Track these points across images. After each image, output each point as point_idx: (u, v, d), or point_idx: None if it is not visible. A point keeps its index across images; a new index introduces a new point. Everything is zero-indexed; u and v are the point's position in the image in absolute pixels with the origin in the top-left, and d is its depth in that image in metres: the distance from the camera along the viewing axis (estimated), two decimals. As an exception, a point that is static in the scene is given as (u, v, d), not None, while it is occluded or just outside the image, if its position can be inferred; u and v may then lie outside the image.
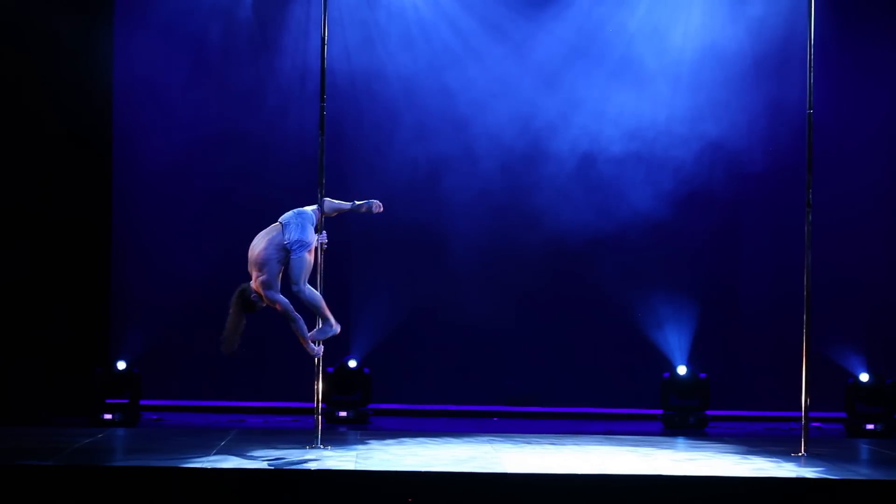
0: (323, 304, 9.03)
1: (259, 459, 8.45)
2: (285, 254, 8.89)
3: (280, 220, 9.01)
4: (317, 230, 9.10)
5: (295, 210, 9.04)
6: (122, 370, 11.98)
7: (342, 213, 9.44)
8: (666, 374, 12.43)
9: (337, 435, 10.57)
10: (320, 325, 9.09)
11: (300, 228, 8.93)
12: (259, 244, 9.00)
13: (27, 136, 11.94)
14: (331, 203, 9.24)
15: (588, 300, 12.95)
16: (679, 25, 12.81)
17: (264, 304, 9.01)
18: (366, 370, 12.34)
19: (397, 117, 12.84)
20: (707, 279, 12.89)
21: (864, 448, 10.14)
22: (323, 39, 9.32)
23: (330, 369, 12.14)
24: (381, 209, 9.26)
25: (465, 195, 12.85)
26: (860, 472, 8.41)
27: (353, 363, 12.37)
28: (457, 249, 12.88)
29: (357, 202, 9.24)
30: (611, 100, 12.81)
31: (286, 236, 8.89)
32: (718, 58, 12.76)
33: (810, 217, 9.44)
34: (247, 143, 12.67)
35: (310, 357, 9.28)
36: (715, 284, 12.91)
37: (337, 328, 9.09)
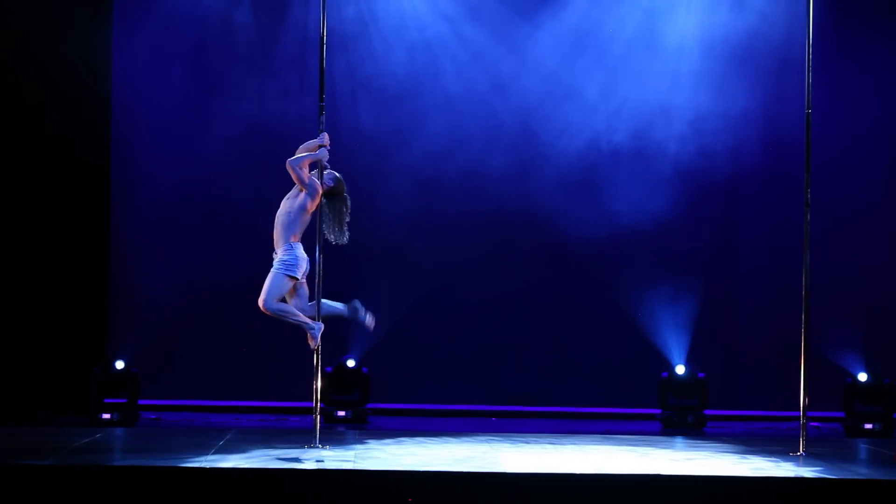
0: (289, 314, 9.05)
1: (257, 459, 8.44)
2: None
3: (281, 251, 9.06)
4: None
5: (290, 263, 9.04)
6: (121, 370, 11.98)
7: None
8: (664, 374, 12.44)
9: (335, 434, 10.57)
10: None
11: (290, 265, 9.00)
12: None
13: (25, 135, 11.94)
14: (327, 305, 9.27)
15: (586, 300, 12.96)
16: (678, 23, 12.81)
17: (333, 185, 9.24)
18: (364, 370, 12.34)
19: (396, 118, 12.84)
20: (706, 278, 12.89)
21: (862, 448, 10.14)
22: (322, 39, 9.31)
23: (328, 369, 12.15)
24: (372, 327, 9.31)
25: (464, 195, 12.86)
26: (859, 472, 8.41)
27: (351, 363, 12.38)
28: (455, 248, 12.88)
29: (359, 308, 9.27)
30: (609, 97, 12.82)
31: (279, 253, 9.00)
32: (717, 56, 12.76)
33: (808, 216, 9.44)
34: (246, 142, 12.67)
35: (309, 352, 9.28)
36: (713, 284, 12.91)
37: (316, 325, 9.10)
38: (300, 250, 9.07)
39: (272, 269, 9.03)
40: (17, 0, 11.94)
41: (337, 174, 9.33)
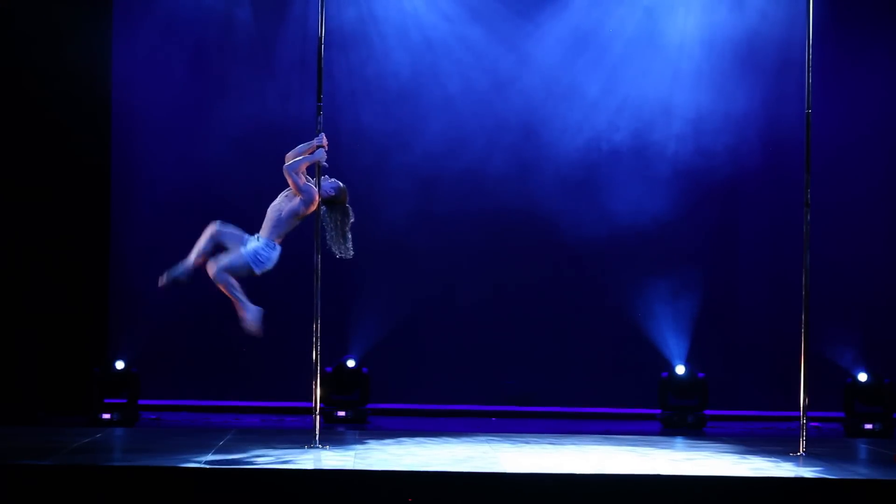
0: (233, 288, 8.94)
1: (257, 459, 8.44)
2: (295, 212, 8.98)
3: (262, 242, 8.99)
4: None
5: (260, 260, 8.99)
6: (121, 370, 11.98)
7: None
8: (664, 374, 12.43)
9: (335, 435, 10.57)
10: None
11: (259, 261, 8.94)
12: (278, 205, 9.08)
13: (25, 135, 11.94)
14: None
15: (586, 299, 12.96)
16: (678, 22, 12.81)
17: (334, 195, 9.12)
18: (364, 370, 12.34)
19: (397, 118, 12.84)
20: (706, 278, 12.89)
21: (862, 448, 10.14)
22: (320, 39, 9.31)
23: (328, 369, 12.15)
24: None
25: (464, 195, 12.86)
26: (859, 472, 8.41)
27: (351, 363, 12.37)
28: (455, 248, 12.88)
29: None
30: (609, 97, 12.83)
31: (259, 242, 8.93)
32: (717, 55, 12.77)
33: (808, 216, 9.44)
34: (247, 143, 12.67)
35: (309, 352, 9.25)
36: (713, 284, 12.91)
37: (255, 308, 9.01)
38: (276, 254, 9.00)
39: (242, 249, 8.95)
40: (16, 1, 11.94)
41: (340, 184, 9.21)
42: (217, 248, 9.00)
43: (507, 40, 12.91)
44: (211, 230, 9.02)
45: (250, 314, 8.99)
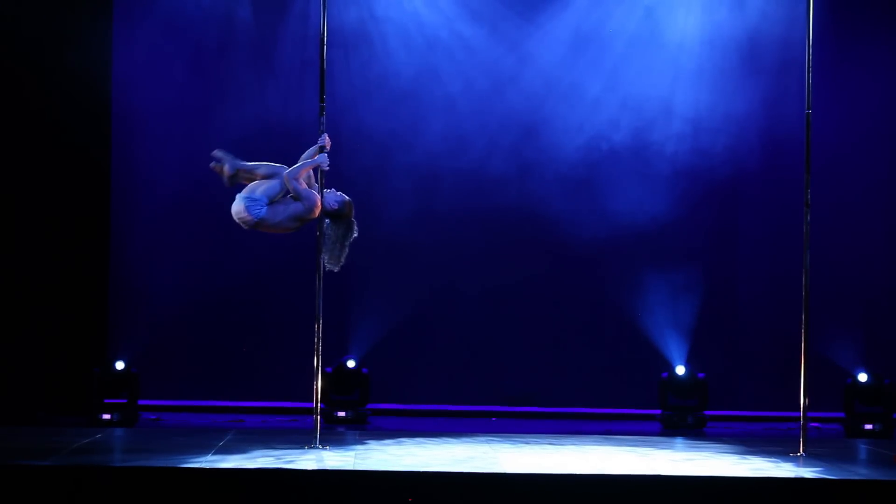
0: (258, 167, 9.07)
1: (257, 459, 8.44)
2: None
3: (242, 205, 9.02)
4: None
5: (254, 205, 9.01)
6: (121, 370, 11.98)
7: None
8: (664, 374, 12.43)
9: (335, 435, 10.57)
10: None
11: (254, 204, 8.95)
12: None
13: (25, 134, 11.93)
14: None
15: (586, 300, 12.96)
16: (678, 22, 12.82)
17: (338, 209, 9.02)
18: (364, 370, 12.34)
19: (396, 118, 12.84)
20: (706, 279, 12.89)
21: (862, 448, 10.14)
22: (322, 40, 9.31)
23: (328, 369, 12.15)
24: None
25: (465, 195, 12.86)
26: (859, 473, 8.41)
27: (351, 363, 12.38)
28: (456, 248, 12.88)
29: None
30: (610, 97, 12.83)
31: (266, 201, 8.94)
32: (718, 55, 12.77)
33: (808, 217, 9.44)
34: (246, 143, 12.65)
35: (310, 352, 9.25)
36: (714, 284, 12.91)
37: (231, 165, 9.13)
38: (252, 218, 9.00)
39: (266, 197, 8.99)
40: (17, 2, 11.93)
41: (346, 198, 9.09)
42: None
43: (508, 40, 12.91)
44: (279, 168, 9.01)
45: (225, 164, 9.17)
